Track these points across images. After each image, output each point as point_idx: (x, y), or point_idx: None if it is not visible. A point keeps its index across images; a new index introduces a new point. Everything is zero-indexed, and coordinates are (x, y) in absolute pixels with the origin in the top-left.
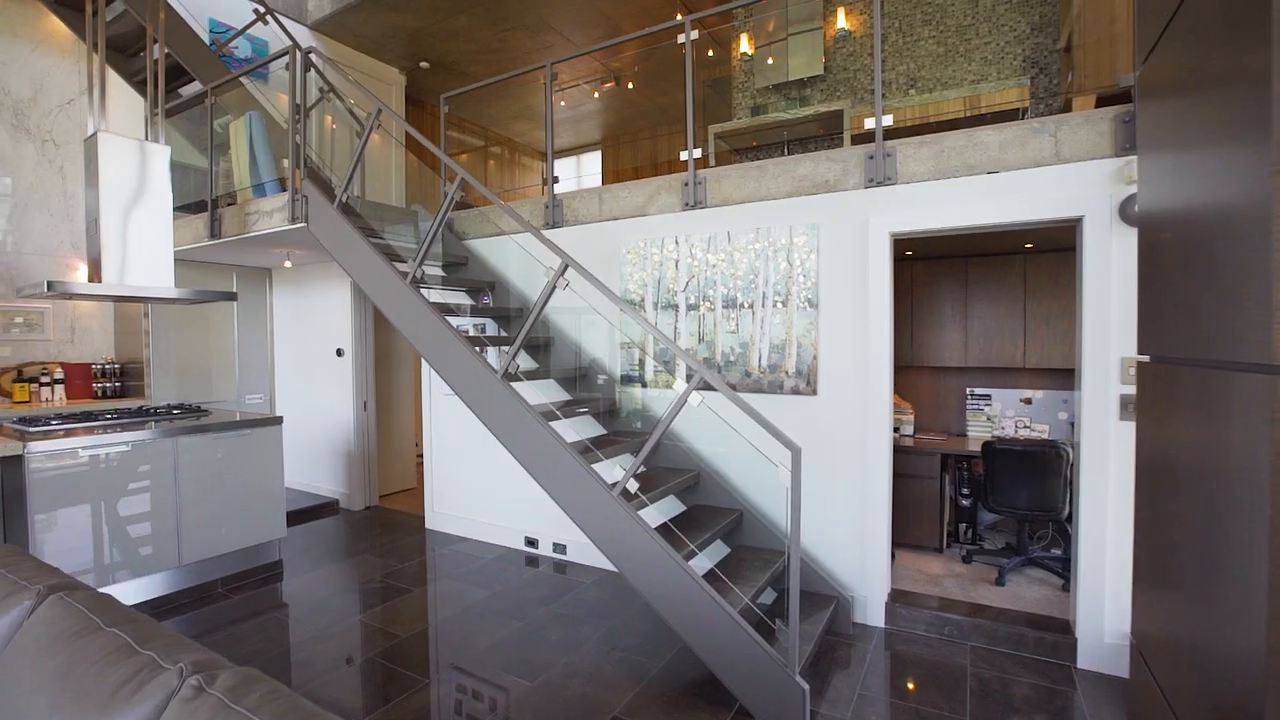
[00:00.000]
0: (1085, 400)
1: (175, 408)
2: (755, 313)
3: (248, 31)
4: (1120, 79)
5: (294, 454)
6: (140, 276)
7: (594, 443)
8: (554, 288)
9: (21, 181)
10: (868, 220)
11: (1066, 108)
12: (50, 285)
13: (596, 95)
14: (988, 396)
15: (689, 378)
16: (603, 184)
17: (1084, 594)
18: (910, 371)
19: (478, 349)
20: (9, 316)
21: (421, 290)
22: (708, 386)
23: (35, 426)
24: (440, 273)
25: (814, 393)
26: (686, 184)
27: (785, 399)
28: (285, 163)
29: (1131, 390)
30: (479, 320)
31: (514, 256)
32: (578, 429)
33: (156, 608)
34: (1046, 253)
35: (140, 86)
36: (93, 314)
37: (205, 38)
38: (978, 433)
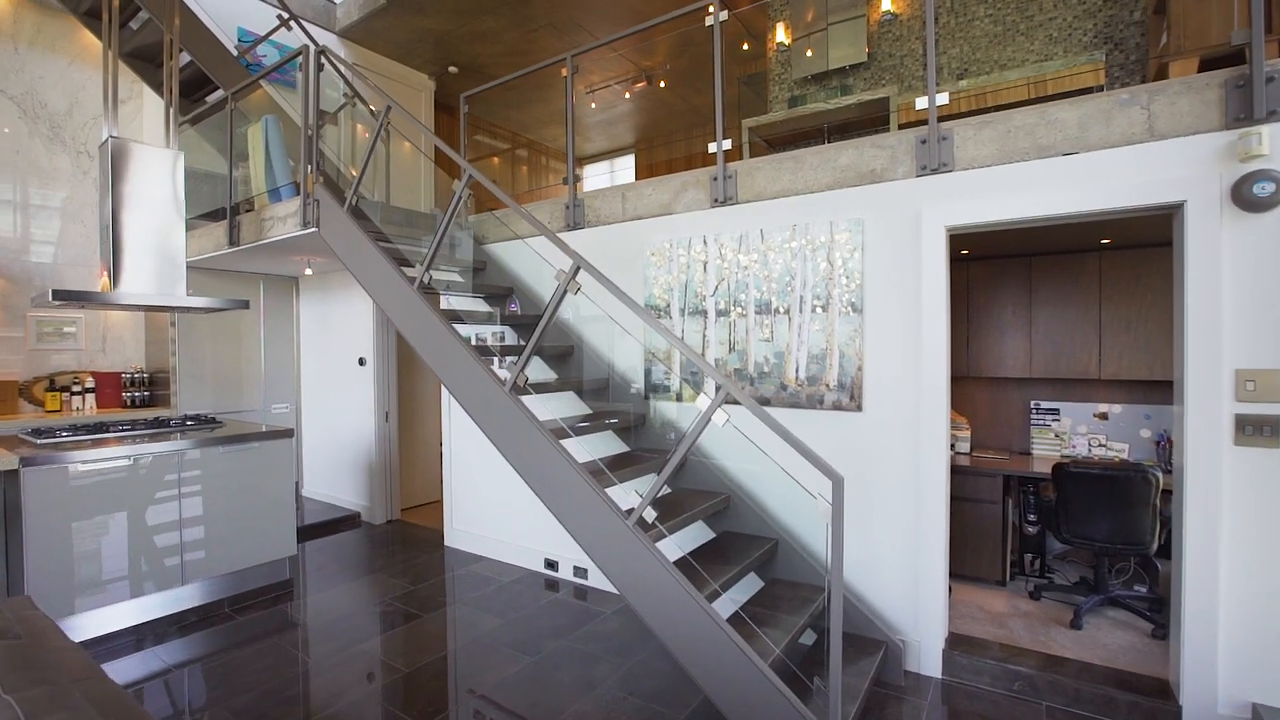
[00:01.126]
0: (1190, 420)
1: (190, 419)
2: (792, 319)
3: (277, 40)
4: (1233, 36)
5: (318, 465)
6: (151, 284)
7: (617, 461)
8: (564, 292)
9: (57, 193)
10: (920, 213)
11: (1159, 76)
12: (54, 295)
13: (628, 96)
14: (1055, 411)
15: (719, 390)
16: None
17: (1190, 651)
18: (965, 383)
19: (489, 359)
20: (43, 326)
21: (431, 296)
22: (736, 402)
23: (43, 438)
24: (458, 278)
25: (858, 408)
26: (715, 178)
27: (826, 415)
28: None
29: (1250, 409)
30: (498, 329)
31: (531, 260)
32: (599, 446)
33: (156, 629)
34: (1126, 249)
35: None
36: (124, 323)
37: (234, 48)
38: (1044, 451)
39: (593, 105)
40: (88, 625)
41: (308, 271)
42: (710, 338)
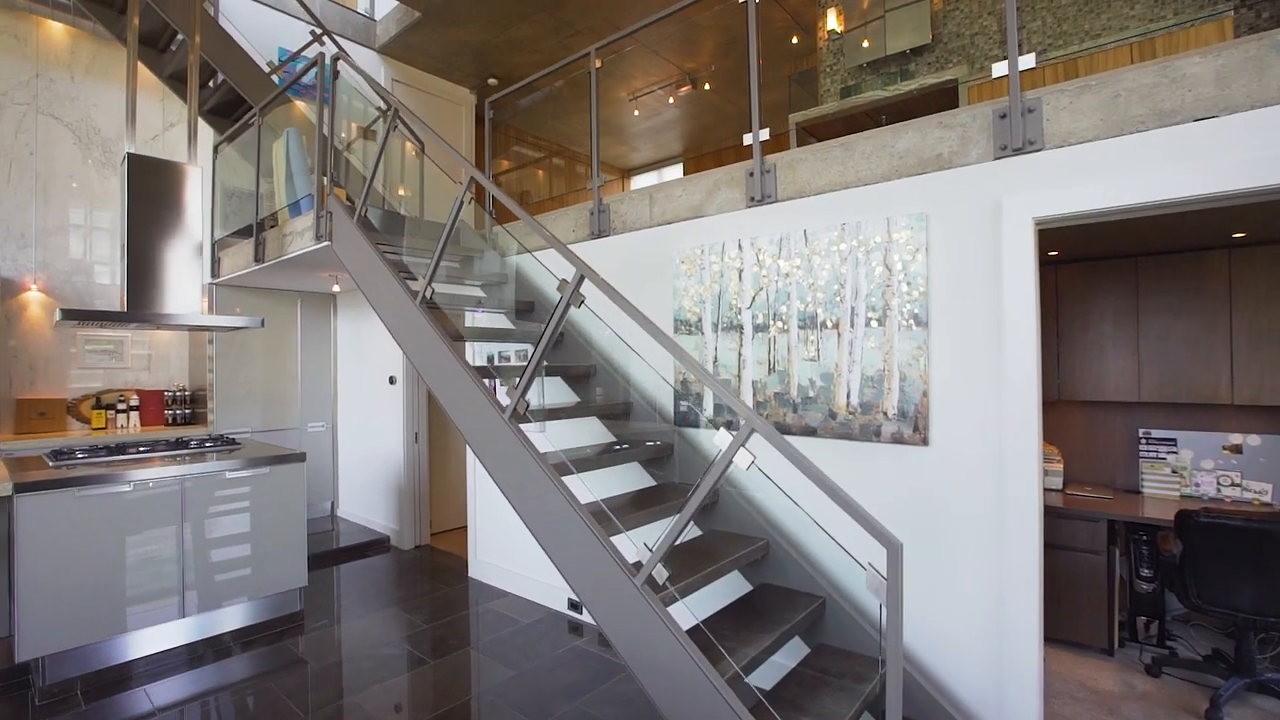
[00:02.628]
0: None
1: (211, 440)
2: (841, 334)
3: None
4: None
5: (353, 486)
6: (165, 302)
7: (640, 499)
8: (567, 305)
9: (107, 215)
10: (1000, 203)
11: None
12: (64, 314)
13: (672, 101)
14: (1170, 441)
15: (742, 424)
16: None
17: None
18: (1055, 407)
19: (496, 380)
20: (91, 345)
21: (433, 311)
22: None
23: (60, 460)
24: (478, 292)
25: (924, 441)
26: (752, 174)
27: (883, 449)
28: (325, 180)
29: None
30: (521, 346)
31: (558, 270)
32: (622, 479)
33: (155, 664)
34: (1267, 245)
35: (209, 117)
36: (169, 341)
37: (266, 65)
38: (1158, 489)
39: (635, 113)
40: (73, 662)
41: (336, 288)
42: (747, 357)
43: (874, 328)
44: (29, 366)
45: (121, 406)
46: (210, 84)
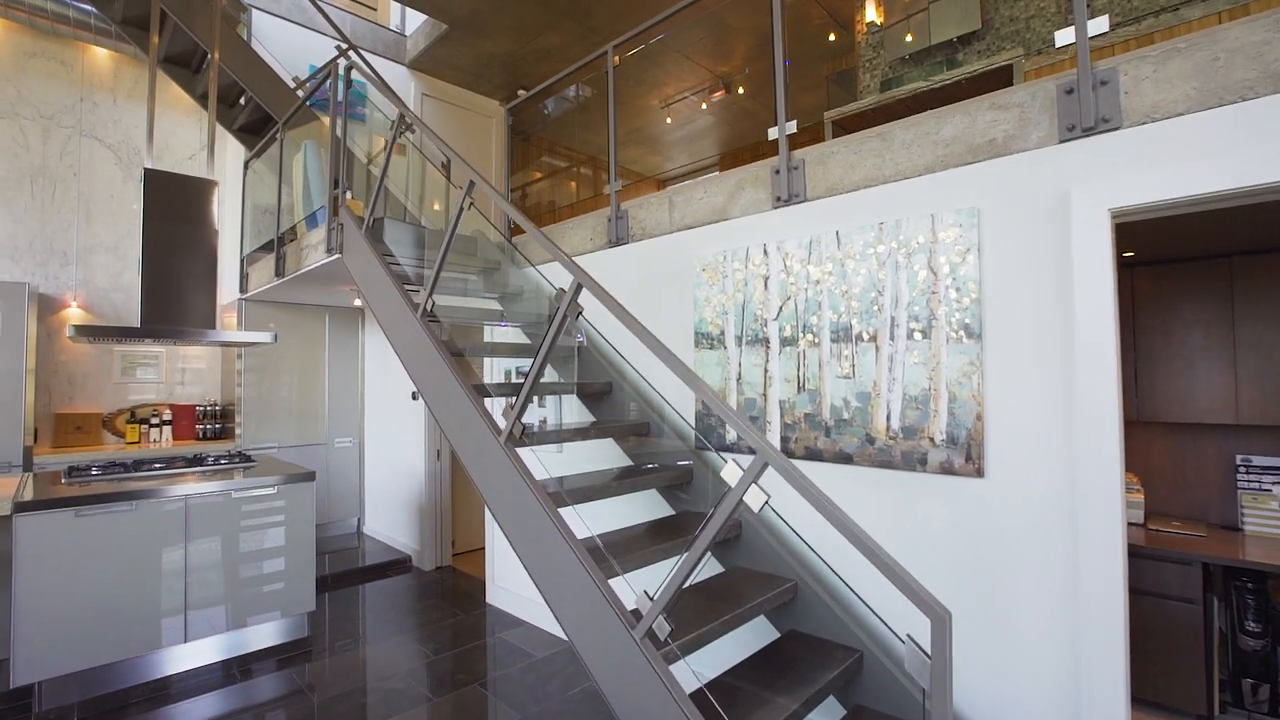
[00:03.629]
0: None
1: (228, 456)
2: (880, 348)
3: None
4: None
5: (378, 503)
6: (179, 316)
7: (656, 529)
8: (563, 316)
9: None
10: (1068, 193)
11: None
12: (76, 330)
13: (705, 107)
14: (1277, 470)
15: (769, 443)
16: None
17: None
18: (1134, 430)
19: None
20: (127, 360)
21: (432, 323)
22: (823, 457)
23: (74, 477)
24: (495, 305)
25: (977, 472)
26: (778, 171)
27: (930, 481)
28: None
29: None
30: (521, 362)
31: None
32: (637, 508)
33: (155, 690)
34: None
35: (241, 135)
36: (202, 356)
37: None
38: (1262, 526)
39: (668, 120)
40: (73, 687)
41: (356, 302)
42: (774, 373)
43: (917, 340)
44: (68, 381)
45: (155, 421)
46: (240, 102)
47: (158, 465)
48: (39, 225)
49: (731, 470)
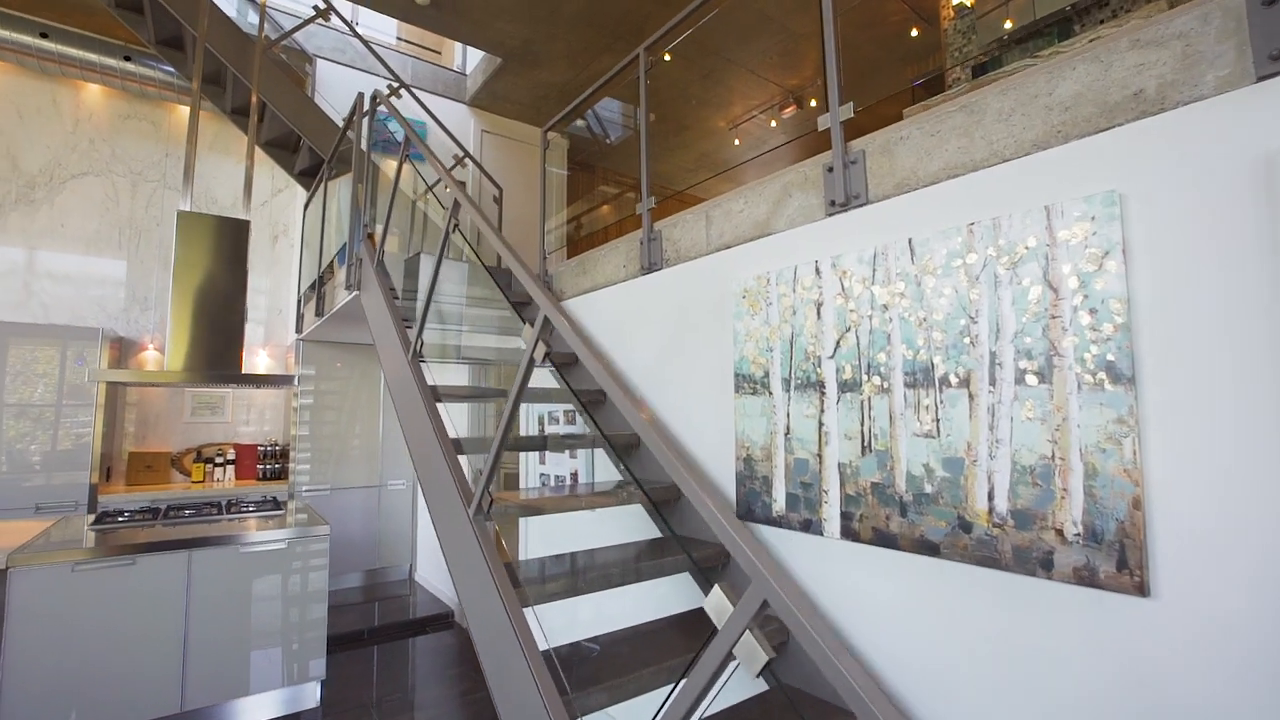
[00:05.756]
0: None
1: (259, 502)
2: (975, 396)
3: (406, 117)
4: None
5: (428, 549)
6: (202, 358)
7: (674, 628)
8: (529, 361)
9: None
10: (1269, 155)
11: None
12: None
13: (774, 124)
14: None
15: (768, 565)
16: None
17: None
18: None
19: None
20: (197, 400)
21: (419, 365)
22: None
23: (103, 523)
24: (520, 344)
25: (1139, 588)
26: (831, 169)
27: (1059, 594)
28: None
29: None
30: (562, 407)
31: (607, 314)
32: (661, 599)
33: None
34: None
35: (302, 179)
36: (267, 397)
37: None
38: None
39: (737, 143)
40: None
41: None
42: (831, 427)
43: (1031, 386)
44: (142, 421)
45: (219, 460)
46: (300, 146)
47: (187, 512)
48: (124, 273)
49: (717, 600)
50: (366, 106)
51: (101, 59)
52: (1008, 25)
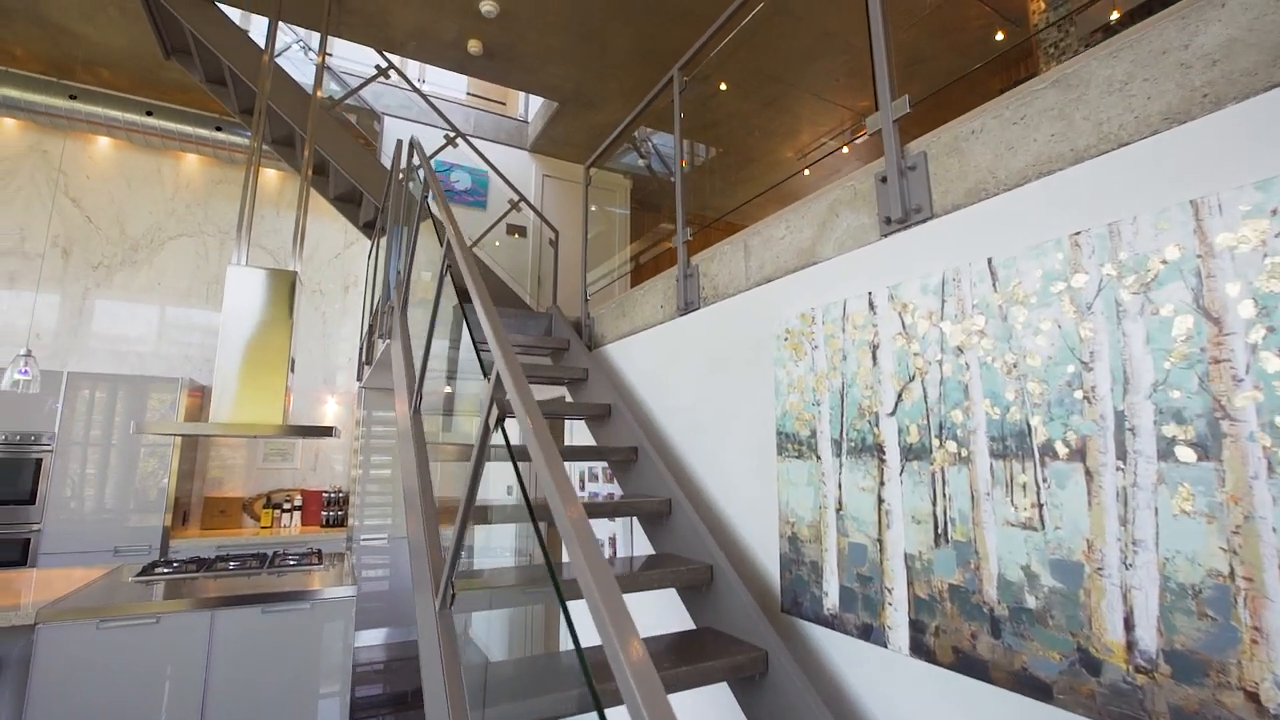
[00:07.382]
0: None
1: (302, 555)
2: (1093, 474)
3: (469, 167)
4: None
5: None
6: (245, 410)
7: None
8: (485, 424)
9: (298, 330)
10: None
11: None
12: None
13: (846, 150)
14: None
15: None
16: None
17: None
18: None
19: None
20: (269, 447)
21: (419, 420)
22: None
23: (150, 574)
24: (562, 392)
25: None
26: (885, 178)
27: None
28: (426, 276)
29: None
30: (591, 465)
31: (642, 362)
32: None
33: None
34: None
35: (367, 231)
36: (334, 444)
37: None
38: None
39: (806, 173)
40: None
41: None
42: (893, 505)
43: (1186, 463)
44: (219, 466)
45: (287, 506)
46: (363, 199)
47: (232, 564)
48: (208, 324)
49: None
50: (405, 152)
51: (196, 130)
52: (1114, 16)
